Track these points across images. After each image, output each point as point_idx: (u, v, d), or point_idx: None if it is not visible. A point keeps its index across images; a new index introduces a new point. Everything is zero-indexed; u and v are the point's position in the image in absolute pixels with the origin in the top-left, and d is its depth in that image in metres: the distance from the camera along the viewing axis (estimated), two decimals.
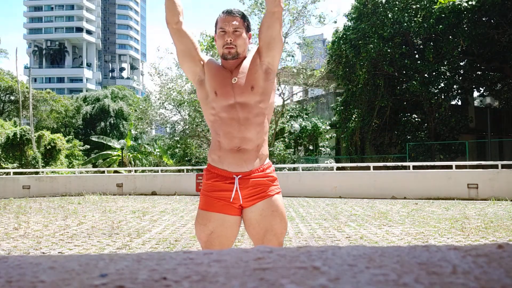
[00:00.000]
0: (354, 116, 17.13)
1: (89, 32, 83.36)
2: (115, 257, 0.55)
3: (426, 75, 16.08)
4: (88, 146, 27.71)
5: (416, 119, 16.62)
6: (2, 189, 12.52)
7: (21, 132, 20.22)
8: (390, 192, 10.01)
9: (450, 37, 15.34)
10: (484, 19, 15.29)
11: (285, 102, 17.38)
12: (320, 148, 19.19)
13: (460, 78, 17.16)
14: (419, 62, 16.07)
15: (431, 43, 16.05)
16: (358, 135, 17.24)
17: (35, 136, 20.53)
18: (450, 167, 10.46)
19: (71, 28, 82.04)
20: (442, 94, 16.49)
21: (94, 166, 25.15)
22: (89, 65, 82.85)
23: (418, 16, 15.54)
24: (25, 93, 28.89)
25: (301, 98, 22.12)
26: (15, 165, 19.64)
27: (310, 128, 18.41)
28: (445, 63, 15.97)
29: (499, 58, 16.04)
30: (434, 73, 16.11)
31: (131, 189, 12.74)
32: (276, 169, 13.14)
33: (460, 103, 19.45)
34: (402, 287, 0.41)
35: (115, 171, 18.07)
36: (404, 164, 11.62)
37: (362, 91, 16.75)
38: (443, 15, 14.95)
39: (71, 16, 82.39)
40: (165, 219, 6.67)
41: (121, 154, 23.97)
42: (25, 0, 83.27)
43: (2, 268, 0.50)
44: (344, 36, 17.28)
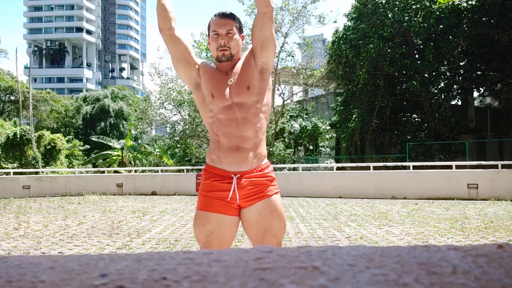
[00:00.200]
0: (354, 116, 17.13)
1: (89, 32, 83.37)
2: (115, 257, 0.55)
3: (426, 75, 16.09)
4: (88, 146, 27.72)
5: (416, 119, 16.62)
6: (2, 189, 12.52)
7: (21, 132, 20.22)
8: (390, 192, 10.01)
9: (450, 37, 15.34)
10: (484, 19, 15.29)
11: (285, 102, 17.36)
12: (320, 148, 19.19)
13: (460, 78, 17.17)
14: (419, 62, 16.07)
15: (431, 43, 16.04)
16: (358, 135, 17.24)
17: (35, 136, 20.53)
18: (450, 167, 10.46)
19: (71, 28, 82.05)
20: (442, 94, 16.51)
21: (94, 166, 25.15)
22: (89, 65, 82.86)
23: (418, 16, 15.54)
24: (25, 93, 28.90)
25: (301, 98, 22.12)
26: (15, 165, 19.65)
27: (310, 128, 18.42)
28: (445, 63, 15.98)
29: (499, 58, 16.04)
30: (434, 73, 16.12)
31: (131, 189, 12.75)
32: (276, 169, 13.14)
33: (460, 103, 19.47)
34: (402, 287, 0.41)
35: (115, 171, 18.08)
36: (404, 164, 11.62)
37: (362, 91, 16.75)
38: (443, 15, 14.96)
39: (71, 16, 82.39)
40: (165, 219, 6.67)
41: (121, 154, 23.97)
42: (25, 0, 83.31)
43: (2, 268, 0.50)
44: (344, 36, 17.28)
